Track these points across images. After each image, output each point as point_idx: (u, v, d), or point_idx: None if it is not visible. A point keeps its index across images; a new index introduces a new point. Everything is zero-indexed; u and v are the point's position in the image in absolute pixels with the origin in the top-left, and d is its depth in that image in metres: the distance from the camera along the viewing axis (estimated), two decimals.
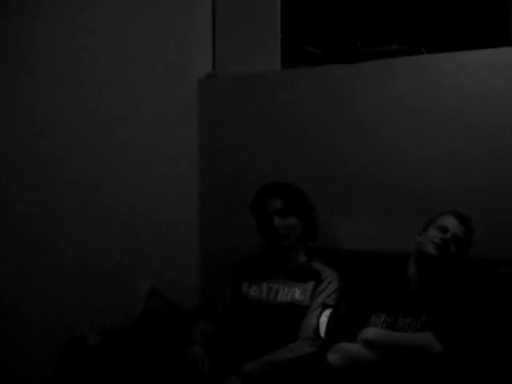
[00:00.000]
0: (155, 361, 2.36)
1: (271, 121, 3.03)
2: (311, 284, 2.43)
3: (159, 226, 2.99)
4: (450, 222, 2.26)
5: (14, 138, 2.35)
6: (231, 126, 3.14)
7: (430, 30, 3.08)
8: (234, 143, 3.13)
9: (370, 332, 2.14)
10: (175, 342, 2.49)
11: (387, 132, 2.75)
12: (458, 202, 2.53)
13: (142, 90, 2.88)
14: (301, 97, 2.95)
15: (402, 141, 2.72)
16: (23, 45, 2.39)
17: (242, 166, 3.10)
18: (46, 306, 2.45)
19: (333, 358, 2.13)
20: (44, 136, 2.46)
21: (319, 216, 2.67)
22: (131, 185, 2.85)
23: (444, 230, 2.25)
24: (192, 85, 3.18)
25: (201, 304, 3.05)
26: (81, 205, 2.61)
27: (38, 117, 2.44)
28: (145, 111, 2.91)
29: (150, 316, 2.67)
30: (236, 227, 3.08)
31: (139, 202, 2.89)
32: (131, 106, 2.84)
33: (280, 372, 2.21)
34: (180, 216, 3.14)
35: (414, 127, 2.70)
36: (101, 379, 2.33)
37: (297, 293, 2.43)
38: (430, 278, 2.26)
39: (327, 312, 2.36)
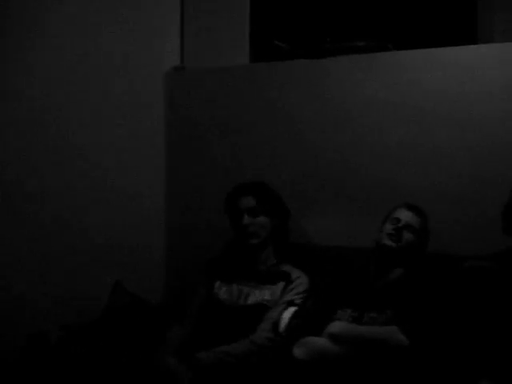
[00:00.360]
0: (124, 364, 2.31)
1: (239, 115, 3.01)
2: (281, 284, 2.43)
3: (125, 220, 2.96)
4: (402, 214, 2.33)
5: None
6: (199, 120, 3.11)
7: (398, 27, 3.10)
8: (201, 137, 3.11)
9: (336, 326, 2.15)
10: (147, 343, 2.44)
11: (356, 127, 2.76)
12: (429, 198, 2.56)
13: (108, 83, 2.87)
14: (269, 91, 2.94)
15: (372, 137, 2.73)
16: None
17: (210, 160, 3.08)
18: (5, 300, 2.40)
19: (299, 351, 2.12)
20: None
21: (293, 212, 2.65)
22: (98, 179, 2.83)
23: (396, 220, 2.31)
24: (159, 77, 3.16)
25: (165, 300, 3.02)
26: (42, 199, 2.58)
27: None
28: (112, 105, 2.89)
29: (114, 310, 2.63)
30: (203, 223, 3.05)
31: (106, 197, 2.87)
32: (98, 99, 2.82)
33: (238, 363, 2.20)
34: (147, 211, 3.11)
35: (382, 123, 2.71)
36: (63, 376, 2.28)
37: (266, 295, 2.42)
38: (390, 270, 2.30)
39: (291, 309, 2.36)
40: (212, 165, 3.07)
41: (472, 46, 2.62)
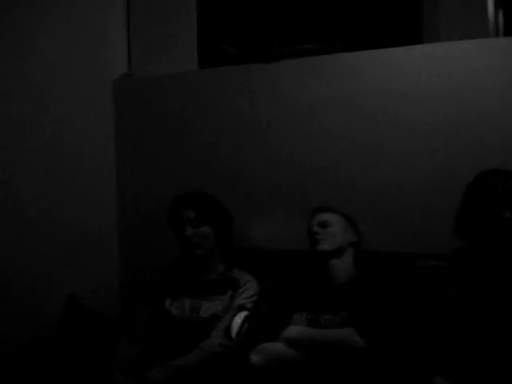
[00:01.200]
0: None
1: (188, 121, 2.98)
2: (230, 293, 2.43)
3: (78, 232, 2.91)
4: (310, 222, 2.41)
5: None
6: (148, 127, 3.08)
7: (346, 29, 3.12)
8: (151, 145, 3.07)
9: (292, 330, 2.15)
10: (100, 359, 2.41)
11: (306, 130, 2.75)
12: (377, 200, 2.59)
13: (56, 91, 2.81)
14: (218, 97, 2.92)
15: (322, 139, 2.72)
16: None
17: (159, 169, 3.05)
18: None
19: (256, 358, 2.10)
20: None
21: (241, 217, 2.65)
22: (45, 190, 2.77)
23: (309, 231, 2.39)
24: (107, 85, 3.12)
25: (120, 310, 2.98)
26: None
27: None
28: (59, 113, 2.83)
29: (68, 325, 2.59)
30: (156, 233, 2.99)
31: (56, 208, 2.81)
32: (44, 108, 2.76)
33: (192, 375, 2.19)
34: (99, 223, 3.07)
35: (330, 126, 2.71)
36: None
37: (218, 305, 2.41)
38: (338, 270, 2.32)
39: (242, 314, 2.35)
40: (162, 172, 3.04)
41: (417, 46, 2.64)
